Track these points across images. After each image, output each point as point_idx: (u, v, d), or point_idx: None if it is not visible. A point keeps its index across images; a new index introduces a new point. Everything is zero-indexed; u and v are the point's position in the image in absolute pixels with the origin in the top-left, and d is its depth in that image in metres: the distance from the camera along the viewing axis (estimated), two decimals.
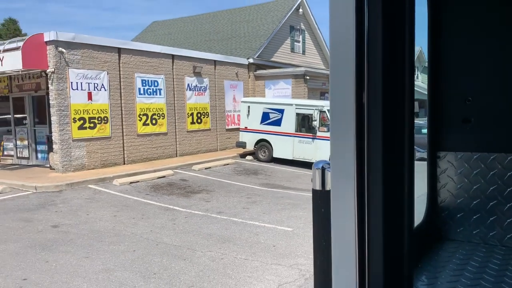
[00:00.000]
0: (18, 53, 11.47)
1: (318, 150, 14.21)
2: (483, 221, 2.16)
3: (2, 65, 12.03)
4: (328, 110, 13.95)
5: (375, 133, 1.11)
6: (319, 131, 14.16)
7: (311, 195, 2.25)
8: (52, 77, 11.85)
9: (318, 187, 1.98)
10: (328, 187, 1.89)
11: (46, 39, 11.86)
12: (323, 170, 1.98)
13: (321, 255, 2.00)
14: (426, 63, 2.25)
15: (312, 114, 14.29)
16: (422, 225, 2.18)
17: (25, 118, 14.53)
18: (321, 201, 1.96)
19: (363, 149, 1.11)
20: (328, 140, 15.03)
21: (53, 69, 11.78)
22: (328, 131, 13.85)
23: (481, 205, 2.16)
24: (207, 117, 17.09)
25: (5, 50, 12.00)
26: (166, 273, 5.54)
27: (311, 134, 14.40)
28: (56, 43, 11.83)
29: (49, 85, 12.04)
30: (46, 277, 5.43)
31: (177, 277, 5.40)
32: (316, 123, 14.15)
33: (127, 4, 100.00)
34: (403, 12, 1.13)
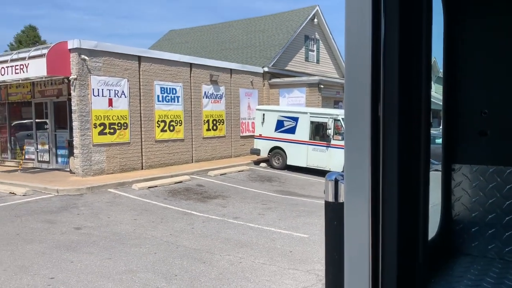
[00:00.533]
0: (43, 60, 11.87)
1: (332, 158, 14.34)
2: (499, 236, 2.09)
3: (27, 71, 12.45)
4: (342, 118, 14.10)
5: (391, 146, 1.10)
6: (333, 139, 14.30)
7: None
8: (74, 84, 12.23)
9: (330, 199, 1.95)
10: (341, 199, 1.88)
11: (69, 46, 12.25)
12: (336, 182, 1.94)
13: (333, 268, 1.95)
14: (439, 73, 2.21)
15: (326, 123, 14.44)
16: (436, 238, 2.12)
17: (45, 123, 14.95)
18: (334, 213, 1.93)
19: (378, 162, 1.10)
20: (342, 148, 14.99)
21: (75, 76, 12.16)
22: (342, 139, 13.98)
23: (497, 219, 2.08)
24: (222, 124, 17.36)
25: (30, 57, 12.44)
26: (187, 275, 5.73)
27: (325, 142, 14.55)
28: (79, 50, 12.21)
29: (72, 91, 12.41)
30: (73, 277, 5.67)
31: (198, 279, 5.59)
32: (330, 132, 14.29)
33: (142, 12, 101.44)
34: (420, 24, 1.13)
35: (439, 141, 2.34)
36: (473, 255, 2.13)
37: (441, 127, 2.33)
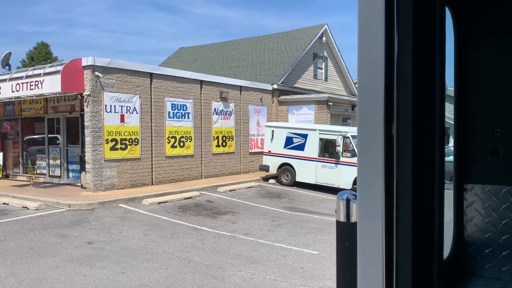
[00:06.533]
0: (58, 77, 12.13)
1: (341, 175, 14.36)
2: None
3: (41, 87, 12.71)
4: (351, 136, 14.16)
5: (405, 165, 1.07)
6: (342, 156, 14.34)
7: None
8: (88, 100, 12.45)
9: (342, 218, 1.90)
10: (353, 219, 1.87)
11: (83, 63, 12.52)
12: (348, 201, 1.89)
13: None
14: (448, 92, 2.30)
15: (335, 140, 14.51)
16: (448, 260, 2.07)
17: (57, 138, 15.17)
18: (345, 233, 1.89)
19: (392, 181, 1.07)
20: (351, 165, 14.83)
21: (89, 92, 12.39)
22: (351, 156, 14.03)
23: (511, 240, 2.03)
24: (231, 141, 17.49)
25: (45, 74, 12.70)
26: None
27: (334, 159, 14.59)
28: (93, 67, 12.47)
29: (85, 107, 12.63)
30: None
31: None
32: (339, 149, 14.35)
33: (152, 29, 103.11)
34: (434, 43, 1.13)
35: (448, 158, 2.35)
36: (486, 277, 2.07)
37: (450, 145, 2.32)
